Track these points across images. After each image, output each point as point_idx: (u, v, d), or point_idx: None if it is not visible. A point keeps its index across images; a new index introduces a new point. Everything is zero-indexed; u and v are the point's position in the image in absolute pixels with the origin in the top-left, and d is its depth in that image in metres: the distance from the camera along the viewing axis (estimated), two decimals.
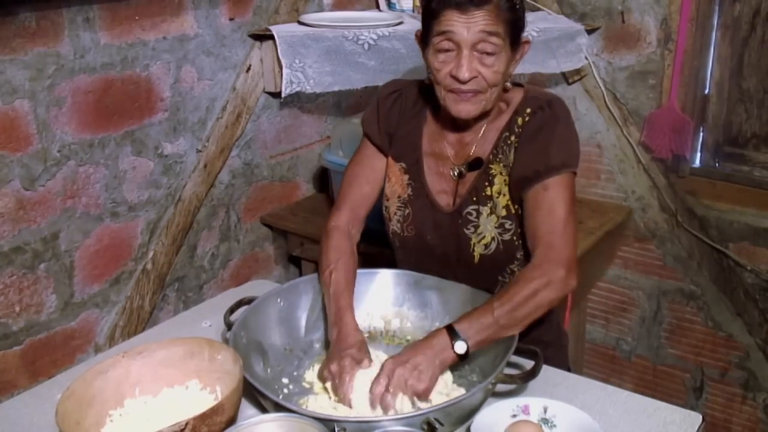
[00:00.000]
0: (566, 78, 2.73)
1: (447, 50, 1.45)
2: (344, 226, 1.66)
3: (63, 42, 1.90)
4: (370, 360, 1.41)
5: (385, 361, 1.35)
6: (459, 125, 1.58)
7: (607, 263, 2.86)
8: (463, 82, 1.45)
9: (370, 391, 1.32)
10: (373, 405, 1.31)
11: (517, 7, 1.45)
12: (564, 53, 2.55)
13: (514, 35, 1.46)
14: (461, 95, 1.48)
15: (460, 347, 1.33)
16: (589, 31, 2.61)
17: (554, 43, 2.50)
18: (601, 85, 2.66)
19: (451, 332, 1.34)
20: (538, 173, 1.47)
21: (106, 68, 2.01)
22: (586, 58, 2.62)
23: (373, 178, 1.70)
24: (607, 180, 2.76)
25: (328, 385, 1.38)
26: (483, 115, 1.55)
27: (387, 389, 1.30)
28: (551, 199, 1.46)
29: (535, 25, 2.47)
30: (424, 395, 1.31)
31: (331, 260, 1.58)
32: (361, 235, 2.29)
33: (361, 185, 1.69)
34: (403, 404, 1.29)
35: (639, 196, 2.72)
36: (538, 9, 2.68)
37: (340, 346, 1.42)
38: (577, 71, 2.68)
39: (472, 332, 1.35)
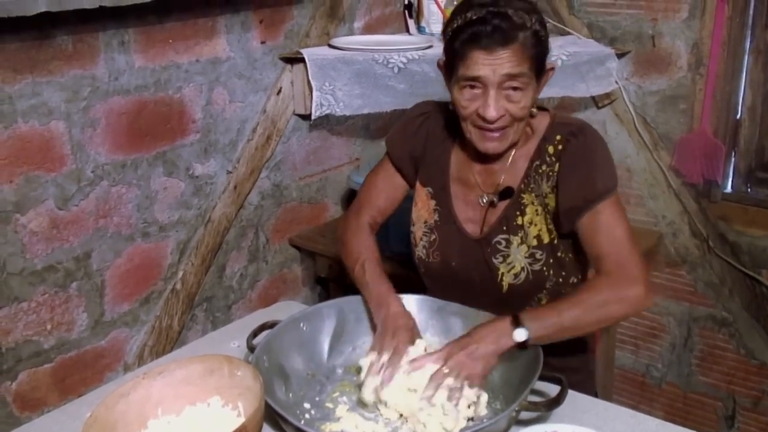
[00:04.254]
0: (596, 102, 2.71)
1: (473, 89, 1.46)
2: (366, 227, 1.71)
3: (98, 64, 1.93)
4: (421, 337, 1.48)
5: (447, 344, 1.41)
6: (487, 155, 1.58)
7: None
8: (491, 122, 1.46)
9: (431, 376, 1.36)
10: (429, 383, 1.35)
11: (543, 39, 1.44)
12: (594, 77, 2.54)
13: (539, 68, 1.46)
14: (488, 133, 1.49)
15: (520, 335, 1.36)
16: (619, 55, 2.59)
17: (584, 67, 2.49)
18: (631, 109, 2.64)
19: (515, 320, 1.37)
20: (587, 201, 1.48)
21: (140, 90, 2.04)
22: (616, 82, 2.60)
23: (391, 195, 1.74)
24: (637, 204, 2.73)
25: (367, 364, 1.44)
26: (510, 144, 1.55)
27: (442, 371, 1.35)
28: (607, 221, 1.48)
29: (564, 49, 2.46)
30: (475, 380, 1.35)
31: (360, 252, 1.64)
32: (388, 257, 2.30)
33: (379, 196, 1.74)
34: (439, 397, 1.34)
35: (670, 221, 2.68)
36: (568, 33, 2.67)
37: (391, 325, 1.48)
38: (607, 95, 2.66)
39: (536, 325, 1.37)
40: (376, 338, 1.49)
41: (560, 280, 1.57)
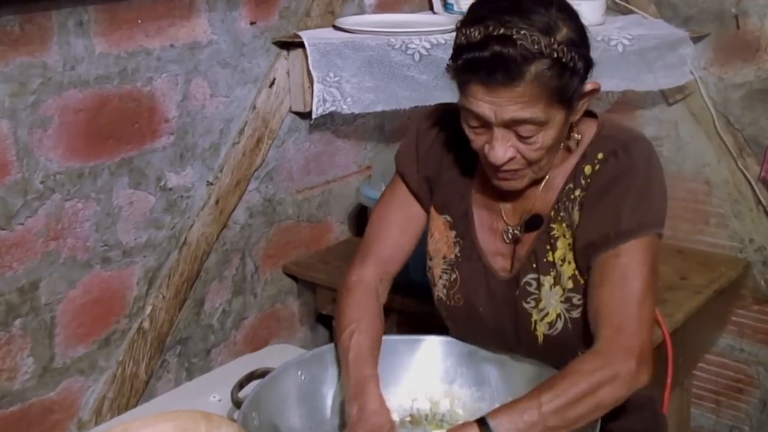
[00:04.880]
0: (666, 97, 2.72)
1: (477, 126, 1.45)
2: (370, 281, 1.67)
3: (51, 50, 1.95)
4: None
5: None
6: None
7: (717, 331, 2.81)
8: (498, 166, 1.45)
9: None
10: None
11: (570, 65, 1.38)
12: (663, 66, 2.54)
13: (569, 97, 1.42)
14: (499, 173, 1.49)
15: None
16: (696, 39, 2.60)
17: (651, 53, 2.49)
18: (711, 106, 2.64)
19: (484, 427, 1.33)
20: (606, 238, 1.45)
21: (101, 82, 2.05)
22: (692, 72, 2.61)
23: (407, 227, 1.71)
24: (718, 225, 2.73)
25: None
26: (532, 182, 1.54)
27: None
28: (623, 269, 1.44)
29: (626, 31, 2.47)
30: None
31: (352, 319, 1.60)
32: (409, 291, 2.30)
33: (391, 234, 1.70)
34: None
35: (759, 246, 2.68)
36: (631, 11, 2.68)
37: (362, 427, 1.43)
38: (680, 89, 2.67)
39: (508, 428, 1.32)
40: None
41: None
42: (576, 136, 1.52)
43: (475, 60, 1.36)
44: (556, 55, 1.35)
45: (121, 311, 2.22)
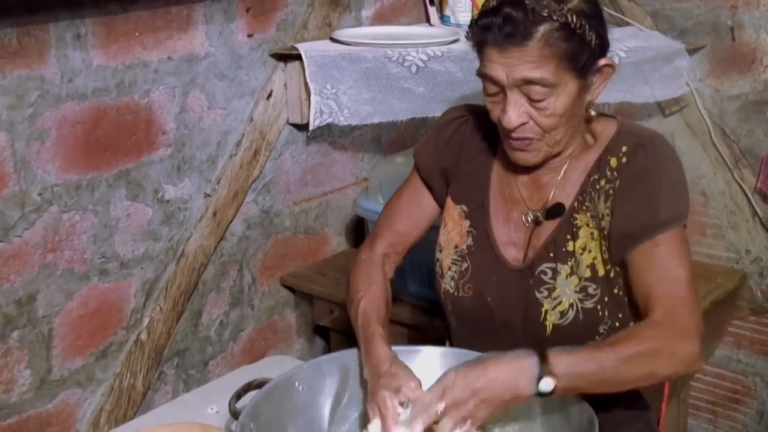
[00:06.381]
0: (662, 109, 2.72)
1: (494, 93, 1.50)
2: (378, 259, 1.74)
3: (48, 63, 1.96)
4: (414, 380, 1.46)
5: (450, 373, 1.39)
6: (528, 165, 1.60)
7: (714, 341, 2.81)
8: (510, 130, 1.50)
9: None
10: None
11: (578, 31, 1.44)
12: (659, 78, 2.55)
13: (582, 64, 1.47)
14: (514, 143, 1.53)
15: (546, 385, 1.36)
16: (691, 51, 2.61)
17: (647, 65, 2.50)
18: (707, 117, 2.65)
19: (543, 363, 1.37)
20: (645, 229, 1.49)
21: (99, 95, 2.06)
22: (688, 84, 2.61)
23: (417, 217, 1.77)
24: (715, 237, 2.73)
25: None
26: (561, 151, 1.57)
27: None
28: (665, 257, 1.49)
29: (623, 43, 2.47)
30: (474, 423, 1.37)
31: (359, 289, 1.67)
32: (407, 302, 2.30)
33: (401, 221, 1.77)
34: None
35: (755, 257, 2.68)
36: (627, 23, 2.69)
37: (374, 380, 1.49)
38: (676, 101, 2.67)
39: (568, 373, 1.37)
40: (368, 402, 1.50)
41: (617, 323, 1.58)
42: (593, 113, 1.57)
43: (489, 24, 1.45)
44: (564, 20, 1.43)
45: (118, 323, 2.22)
